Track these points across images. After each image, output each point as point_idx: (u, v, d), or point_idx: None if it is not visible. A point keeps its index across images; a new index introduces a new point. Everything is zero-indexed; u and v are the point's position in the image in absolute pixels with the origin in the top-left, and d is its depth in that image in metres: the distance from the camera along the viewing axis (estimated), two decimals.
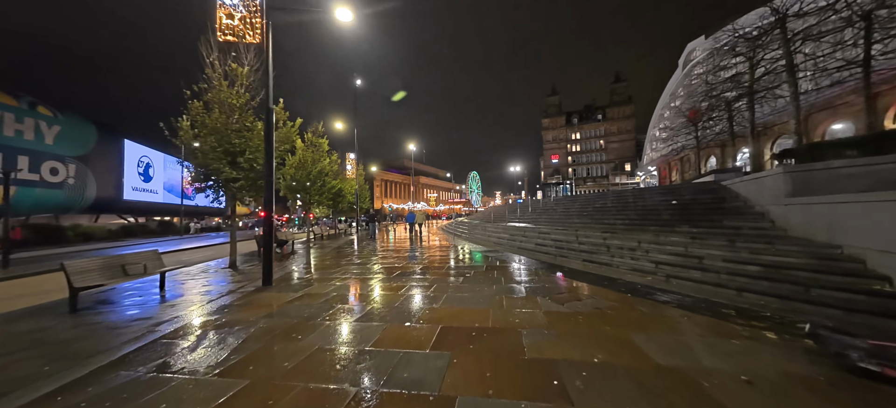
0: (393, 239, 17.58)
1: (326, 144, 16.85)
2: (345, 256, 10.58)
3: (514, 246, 11.16)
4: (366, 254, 11.10)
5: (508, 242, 11.78)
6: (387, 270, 7.71)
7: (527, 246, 10.52)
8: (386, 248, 12.68)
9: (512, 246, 11.29)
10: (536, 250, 9.82)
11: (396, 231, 26.24)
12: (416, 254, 10.74)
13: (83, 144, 26.54)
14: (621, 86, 69.37)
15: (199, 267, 9.16)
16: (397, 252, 11.35)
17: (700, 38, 38.51)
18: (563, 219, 12.61)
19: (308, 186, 15.84)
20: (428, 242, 14.58)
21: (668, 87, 46.63)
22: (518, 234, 11.76)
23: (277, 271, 7.70)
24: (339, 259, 9.96)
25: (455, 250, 11.31)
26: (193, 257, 12.54)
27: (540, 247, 9.89)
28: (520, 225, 12.99)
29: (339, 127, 25.33)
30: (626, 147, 68.31)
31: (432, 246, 12.98)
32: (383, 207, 76.82)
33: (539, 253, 9.43)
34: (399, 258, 9.82)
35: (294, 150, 13.74)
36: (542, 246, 9.84)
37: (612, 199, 13.43)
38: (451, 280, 6.26)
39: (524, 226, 12.58)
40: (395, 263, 8.76)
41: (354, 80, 24.59)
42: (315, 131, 16.58)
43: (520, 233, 11.74)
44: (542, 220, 13.59)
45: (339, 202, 21.92)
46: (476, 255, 9.90)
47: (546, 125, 76.78)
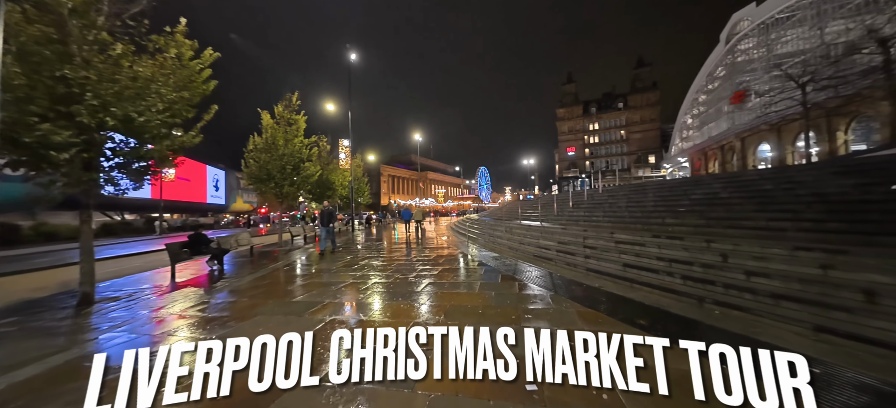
0: (383, 244, 13.99)
1: (304, 121, 13.33)
2: (260, 290, 7.00)
3: (556, 258, 7.36)
4: (309, 283, 7.50)
5: (538, 250, 7.98)
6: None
7: (573, 260, 6.73)
8: (356, 264, 9.02)
9: (546, 257, 7.50)
10: (604, 274, 6.02)
11: (396, 231, 22.85)
12: (398, 277, 7.07)
13: None
14: (645, 71, 63.98)
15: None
16: (363, 277, 7.63)
17: (749, 6, 33.40)
18: (643, 217, 8.64)
19: (277, 175, 12.36)
20: (425, 248, 10.96)
21: (706, 67, 41.54)
22: (550, 239, 7.94)
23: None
24: (261, 292, 6.37)
25: (464, 265, 7.61)
26: (129, 265, 9.35)
27: (605, 266, 6.08)
28: (552, 227, 9.15)
29: (332, 109, 21.89)
30: (649, 137, 63.08)
31: (430, 255, 9.29)
32: (391, 203, 73.74)
33: (602, 276, 5.66)
34: (357, 295, 6.15)
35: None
36: (615, 265, 6.03)
37: (721, 184, 9.23)
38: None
39: (558, 229, 8.72)
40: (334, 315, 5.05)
41: (348, 52, 21.06)
42: (289, 105, 13.06)
43: (551, 237, 7.90)
44: (593, 219, 9.75)
45: (326, 195, 18.50)
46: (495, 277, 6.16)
47: (561, 115, 71.99)
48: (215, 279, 6.79)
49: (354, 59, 21.56)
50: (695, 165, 43.89)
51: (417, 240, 13.45)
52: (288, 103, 13.07)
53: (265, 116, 12.56)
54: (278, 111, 12.82)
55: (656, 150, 61.37)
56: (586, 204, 11.29)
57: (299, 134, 13.07)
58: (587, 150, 70.32)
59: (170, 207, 38.35)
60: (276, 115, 12.79)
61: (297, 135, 12.98)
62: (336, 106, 20.92)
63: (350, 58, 21.30)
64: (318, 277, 6.68)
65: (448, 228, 22.99)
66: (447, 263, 7.88)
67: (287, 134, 12.77)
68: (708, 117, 42.09)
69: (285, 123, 12.92)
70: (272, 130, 12.46)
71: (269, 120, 12.56)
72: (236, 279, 6.70)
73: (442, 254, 9.40)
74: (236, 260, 9.35)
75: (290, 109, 13.06)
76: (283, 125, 12.80)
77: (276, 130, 12.52)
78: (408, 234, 15.45)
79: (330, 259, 8.86)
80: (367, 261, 8.45)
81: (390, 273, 6.79)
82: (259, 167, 12.15)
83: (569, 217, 10.47)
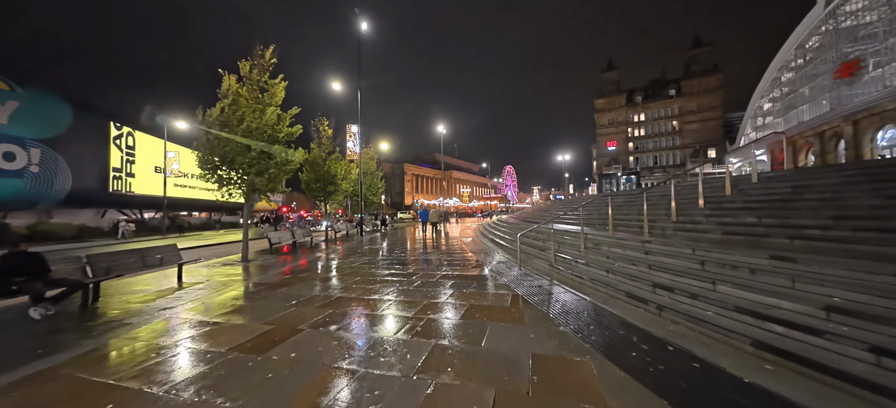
0: (378, 254, 10.02)
1: (282, 90, 9.66)
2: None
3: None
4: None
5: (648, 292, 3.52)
6: None
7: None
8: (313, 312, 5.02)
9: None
10: None
11: (413, 233, 18.88)
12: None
13: (52, 124, 22.49)
14: (703, 52, 55.61)
15: None
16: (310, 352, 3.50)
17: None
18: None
19: (239, 160, 8.77)
20: (442, 262, 6.81)
21: (794, 38, 33.97)
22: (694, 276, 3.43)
23: None
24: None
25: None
26: None
27: None
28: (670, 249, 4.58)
29: (339, 89, 18.35)
30: (709, 128, 54.70)
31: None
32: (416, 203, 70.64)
33: None
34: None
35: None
36: None
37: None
38: None
39: (685, 253, 4.18)
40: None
41: (357, 20, 17.41)
42: (261, 65, 9.42)
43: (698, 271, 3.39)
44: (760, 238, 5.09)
45: (327, 192, 14.90)
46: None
47: (600, 107, 64.92)
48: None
49: (365, 28, 17.87)
50: (777, 158, 36.23)
51: (435, 242, 9.32)
52: (260, 62, 9.41)
53: (228, 79, 8.99)
54: (245, 71, 9.19)
55: (718, 142, 52.99)
56: (710, 210, 6.28)
57: (274, 103, 9.40)
58: (631, 144, 62.80)
59: (190, 205, 37.21)
60: (242, 75, 9.18)
61: (270, 104, 9.31)
62: (346, 86, 17.35)
63: (360, 26, 17.65)
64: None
65: (476, 232, 18.71)
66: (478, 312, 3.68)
67: (259, 102, 9.14)
68: (796, 99, 34.47)
69: (256, 89, 9.29)
70: (235, 96, 8.85)
71: (232, 81, 8.97)
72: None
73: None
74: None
75: (262, 68, 9.40)
76: (252, 92, 9.18)
77: (241, 98, 8.91)
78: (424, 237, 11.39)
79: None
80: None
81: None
82: (212, 148, 8.56)
83: (685, 231, 5.80)
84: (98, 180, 25.76)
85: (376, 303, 4.74)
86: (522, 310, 4.27)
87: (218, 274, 7.33)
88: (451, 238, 15.19)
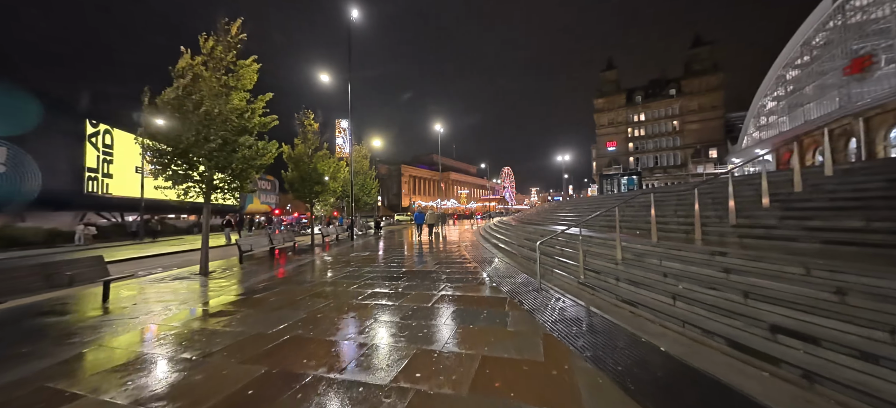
0: (365, 264, 8.67)
1: (255, 72, 8.29)
2: None
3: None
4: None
5: None
6: None
7: None
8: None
9: None
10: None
11: (409, 236, 17.49)
12: None
13: (19, 121, 20.91)
14: (704, 51, 54.91)
15: None
16: None
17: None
18: None
19: (195, 150, 7.39)
20: (440, 276, 5.45)
21: (799, 35, 33.13)
22: None
23: None
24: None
25: None
26: None
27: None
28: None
29: (327, 81, 16.99)
30: (710, 128, 53.90)
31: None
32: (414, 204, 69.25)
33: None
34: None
35: None
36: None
37: None
38: None
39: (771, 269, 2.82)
40: None
41: (348, 6, 16.12)
42: (227, 42, 8.03)
43: None
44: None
45: (316, 192, 13.50)
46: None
47: (600, 106, 64.03)
48: None
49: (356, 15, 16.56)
50: (783, 158, 35.39)
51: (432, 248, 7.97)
52: (224, 39, 8.02)
53: (186, 57, 7.60)
54: (207, 48, 7.80)
55: (719, 142, 52.21)
56: (775, 217, 4.84)
57: (241, 86, 8.02)
58: (631, 144, 61.91)
59: (173, 207, 35.49)
60: (203, 49, 7.78)
61: (237, 88, 7.93)
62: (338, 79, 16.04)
63: (350, 13, 16.34)
64: None
65: (476, 235, 17.36)
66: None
67: (222, 84, 7.76)
68: (802, 97, 33.60)
69: (220, 69, 7.91)
70: (193, 74, 7.46)
71: (194, 61, 7.58)
72: None
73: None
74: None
75: (228, 46, 8.02)
76: (216, 72, 7.79)
77: (201, 76, 7.52)
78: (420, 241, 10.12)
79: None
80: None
81: None
82: (165, 135, 7.15)
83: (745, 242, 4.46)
84: (72, 181, 24.16)
85: (337, 355, 3.22)
86: (563, 367, 2.80)
87: (155, 294, 5.91)
88: (450, 242, 13.84)
